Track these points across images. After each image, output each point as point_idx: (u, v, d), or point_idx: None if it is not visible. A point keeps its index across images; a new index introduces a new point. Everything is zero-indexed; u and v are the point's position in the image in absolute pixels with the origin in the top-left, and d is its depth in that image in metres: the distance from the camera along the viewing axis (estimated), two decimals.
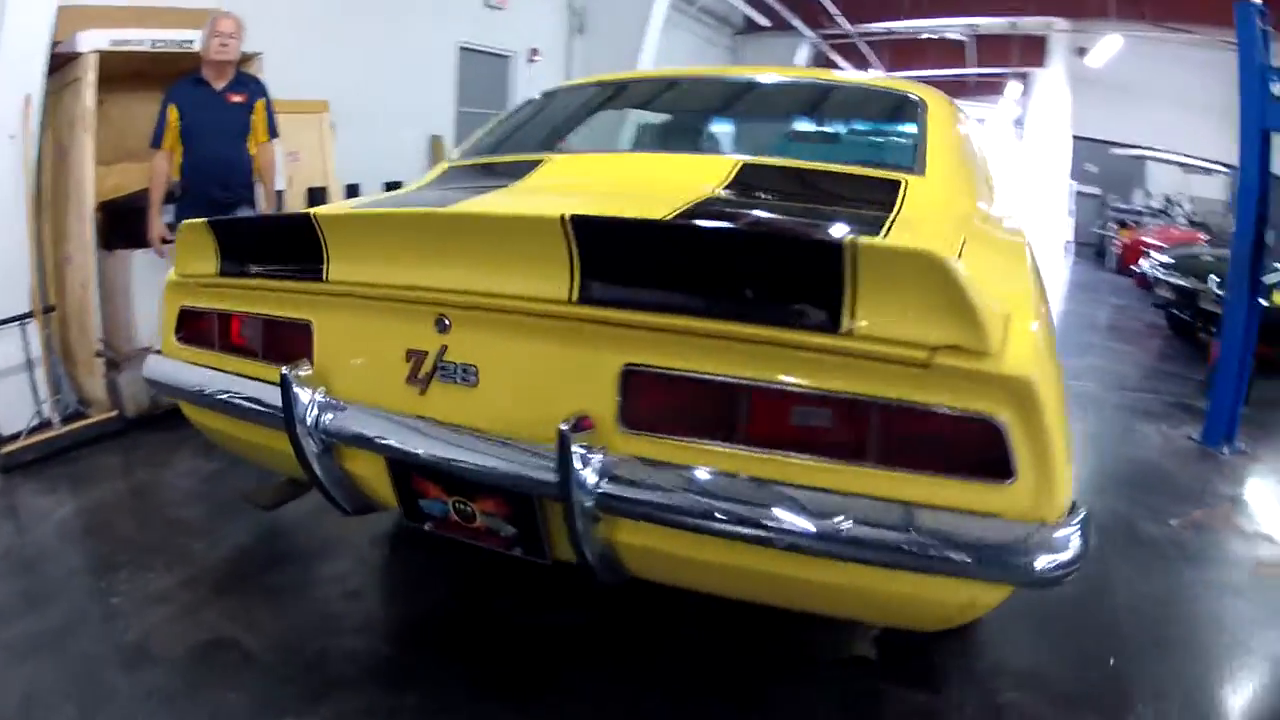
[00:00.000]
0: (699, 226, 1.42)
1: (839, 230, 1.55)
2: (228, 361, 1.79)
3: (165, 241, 3.49)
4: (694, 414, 1.31)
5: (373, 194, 2.38)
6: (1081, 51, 12.96)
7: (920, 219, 1.68)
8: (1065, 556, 1.15)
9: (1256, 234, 3.87)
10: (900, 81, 2.75)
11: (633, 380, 1.33)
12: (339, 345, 1.61)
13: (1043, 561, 1.14)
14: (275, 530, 2.66)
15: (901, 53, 13.98)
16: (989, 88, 17.18)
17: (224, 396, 1.74)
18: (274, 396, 1.56)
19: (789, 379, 1.23)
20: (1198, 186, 13.35)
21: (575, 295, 1.30)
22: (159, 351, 1.96)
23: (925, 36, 13.06)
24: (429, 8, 6.60)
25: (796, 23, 11.23)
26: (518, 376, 1.43)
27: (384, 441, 1.49)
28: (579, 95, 2.91)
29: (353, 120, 5.40)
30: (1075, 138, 14.36)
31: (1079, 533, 1.18)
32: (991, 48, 13.64)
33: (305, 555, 2.57)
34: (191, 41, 3.60)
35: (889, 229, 1.60)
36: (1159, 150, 13.74)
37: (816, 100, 2.72)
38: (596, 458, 1.30)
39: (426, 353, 1.47)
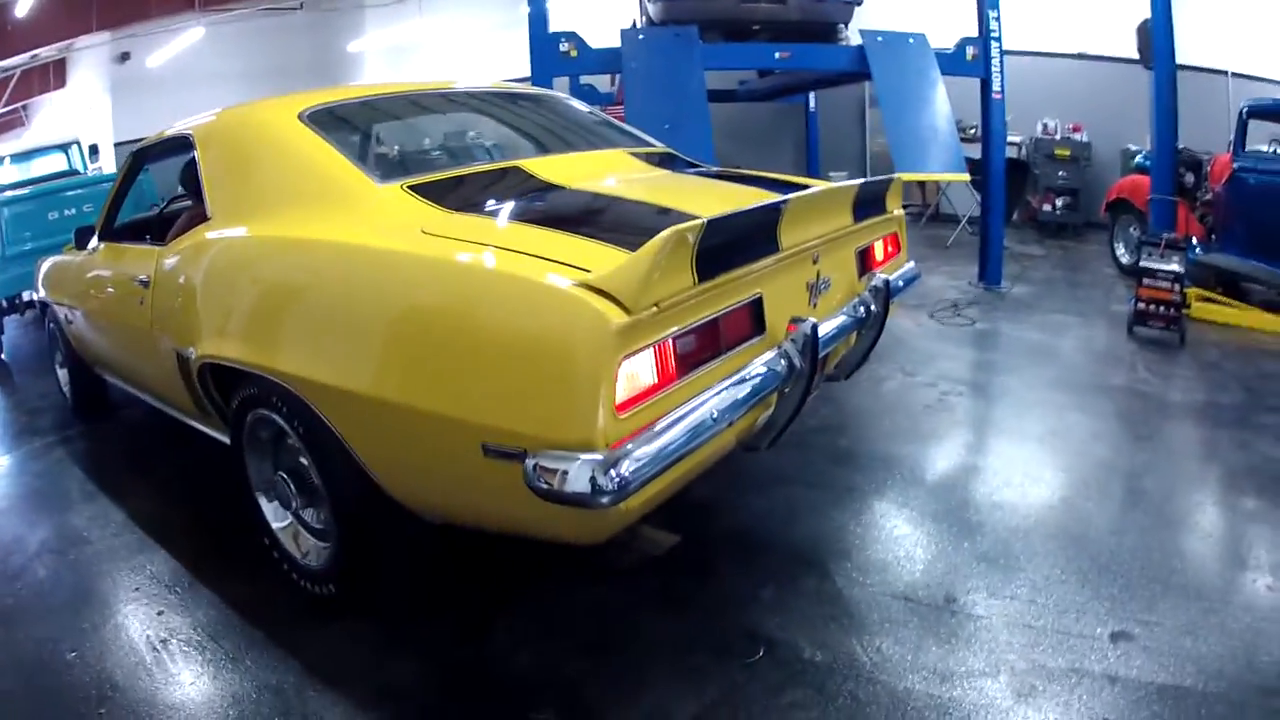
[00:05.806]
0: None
1: None
2: (691, 383, 1.68)
3: None
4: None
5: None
6: (124, 57, 12.84)
7: None
8: None
9: None
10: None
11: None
12: (778, 301, 1.97)
13: None
14: None
15: None
16: (9, 125, 15.86)
17: (724, 404, 1.69)
18: (776, 365, 1.88)
19: None
20: None
21: (852, 220, 2.35)
22: (597, 458, 1.45)
23: None
24: None
25: None
26: (838, 273, 2.33)
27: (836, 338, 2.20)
28: (370, 110, 2.89)
29: None
30: (117, 144, 13.49)
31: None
32: (20, 83, 12.85)
33: None
34: None
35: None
36: None
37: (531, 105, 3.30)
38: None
39: (812, 281, 2.17)
